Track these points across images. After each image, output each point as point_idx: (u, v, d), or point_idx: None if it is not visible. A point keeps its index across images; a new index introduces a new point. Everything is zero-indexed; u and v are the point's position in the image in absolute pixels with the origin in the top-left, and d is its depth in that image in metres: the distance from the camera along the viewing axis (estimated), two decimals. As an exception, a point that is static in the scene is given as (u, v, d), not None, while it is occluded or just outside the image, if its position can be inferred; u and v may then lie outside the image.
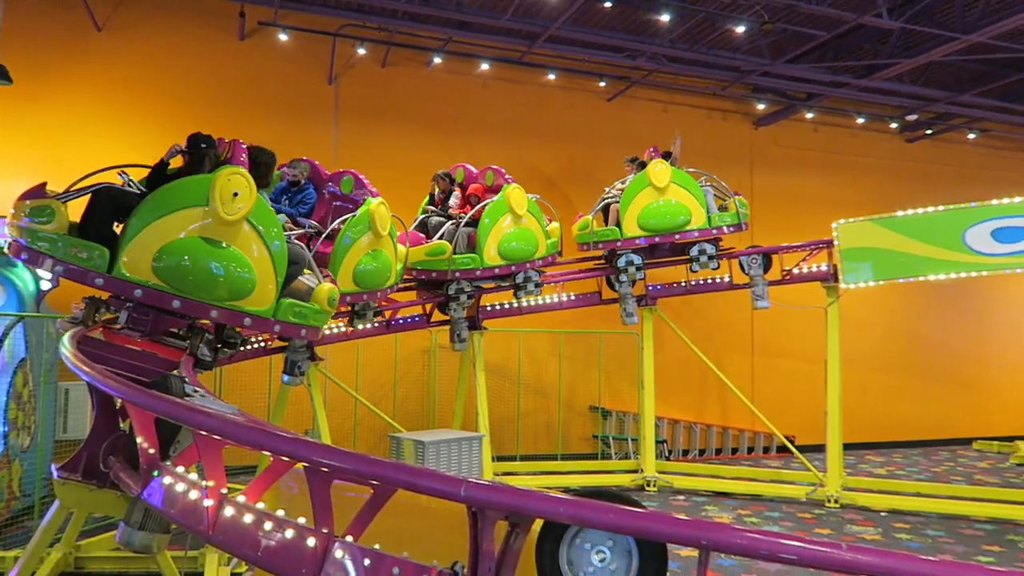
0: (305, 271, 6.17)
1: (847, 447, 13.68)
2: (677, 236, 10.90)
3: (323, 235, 7.57)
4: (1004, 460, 14.53)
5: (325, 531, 2.98)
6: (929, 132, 16.68)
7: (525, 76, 13.86)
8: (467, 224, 9.80)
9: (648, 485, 11.13)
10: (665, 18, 11.56)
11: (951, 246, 9.89)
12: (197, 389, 4.26)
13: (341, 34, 12.38)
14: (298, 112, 12.54)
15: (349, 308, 8.52)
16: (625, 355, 13.23)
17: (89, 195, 5.29)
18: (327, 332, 9.21)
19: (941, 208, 10.11)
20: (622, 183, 11.16)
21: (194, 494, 3.40)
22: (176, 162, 5.63)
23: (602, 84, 14.21)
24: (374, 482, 3.02)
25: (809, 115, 15.32)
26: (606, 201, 11.18)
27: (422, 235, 9.99)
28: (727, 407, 14.35)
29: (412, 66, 13.31)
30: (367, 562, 2.85)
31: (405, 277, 9.27)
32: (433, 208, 10.40)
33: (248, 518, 3.15)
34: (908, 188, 16.27)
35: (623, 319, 11.28)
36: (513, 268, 10.01)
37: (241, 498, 3.30)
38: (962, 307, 16.76)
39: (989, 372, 16.95)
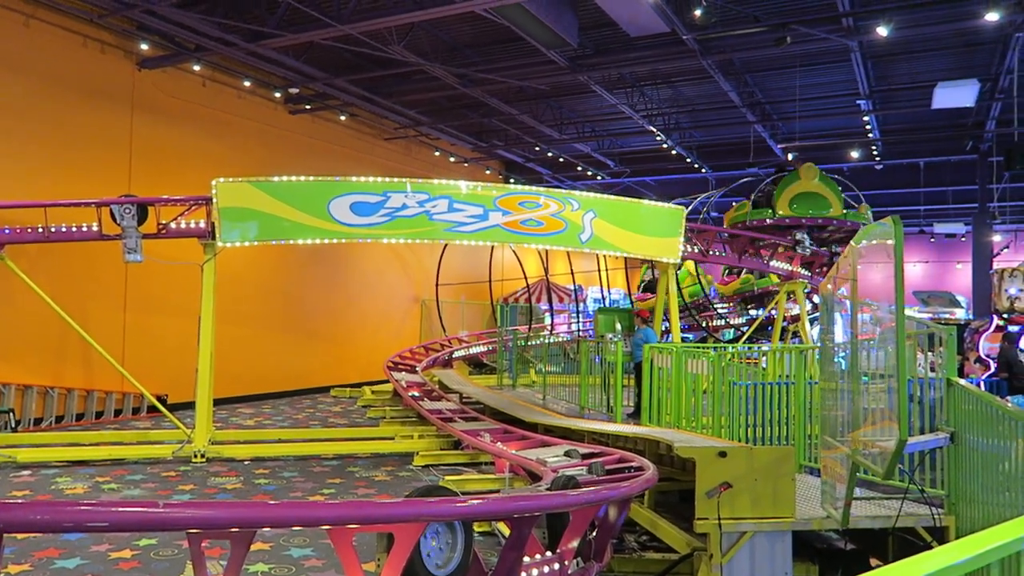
0: None
1: (222, 402, 14.06)
2: None
3: None
4: (354, 403, 16.86)
5: None
6: (308, 107, 18.04)
7: None
8: None
9: (-17, 464, 9.49)
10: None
11: (318, 214, 10.89)
12: None
13: None
14: None
15: None
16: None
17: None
18: None
19: (312, 178, 11.03)
20: None
21: None
22: None
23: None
24: None
25: (197, 67, 14.95)
26: None
27: None
28: (93, 368, 13.13)
29: None
30: None
31: None
32: None
33: None
34: (289, 156, 17.36)
35: (-45, 268, 9.31)
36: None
37: None
38: (326, 270, 18.76)
39: (345, 328, 19.40)
